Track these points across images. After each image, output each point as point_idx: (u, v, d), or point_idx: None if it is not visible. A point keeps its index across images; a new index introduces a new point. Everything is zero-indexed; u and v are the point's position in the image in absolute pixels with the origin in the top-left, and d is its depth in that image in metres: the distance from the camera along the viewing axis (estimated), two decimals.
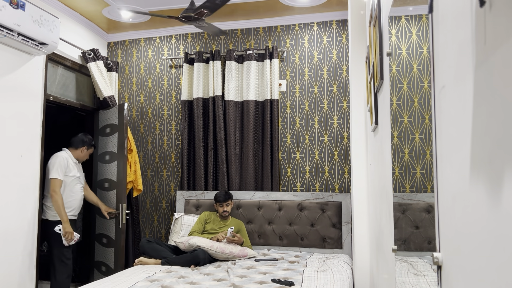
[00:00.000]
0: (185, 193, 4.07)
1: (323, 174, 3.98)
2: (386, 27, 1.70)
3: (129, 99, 4.51)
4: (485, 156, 0.58)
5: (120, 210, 3.73)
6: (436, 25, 0.88)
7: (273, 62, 4.01)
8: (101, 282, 2.63)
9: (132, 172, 4.01)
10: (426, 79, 1.05)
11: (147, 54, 4.49)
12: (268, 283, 2.56)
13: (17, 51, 3.14)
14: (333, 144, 3.97)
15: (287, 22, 4.14)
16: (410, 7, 1.25)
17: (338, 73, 4.01)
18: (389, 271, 1.75)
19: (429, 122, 0.99)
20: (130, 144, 4.03)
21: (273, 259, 3.27)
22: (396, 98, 1.45)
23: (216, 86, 4.09)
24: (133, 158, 4.06)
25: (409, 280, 1.26)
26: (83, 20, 4.09)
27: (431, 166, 0.95)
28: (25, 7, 2.89)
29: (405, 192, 1.34)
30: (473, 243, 0.64)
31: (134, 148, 4.11)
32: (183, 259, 3.14)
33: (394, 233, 1.53)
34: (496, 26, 0.53)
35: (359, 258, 2.96)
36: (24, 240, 3.17)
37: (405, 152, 1.32)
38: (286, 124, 4.08)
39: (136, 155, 4.11)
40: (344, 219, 3.68)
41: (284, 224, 3.80)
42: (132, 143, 4.09)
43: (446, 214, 0.81)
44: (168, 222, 4.30)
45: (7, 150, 3.02)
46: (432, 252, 0.87)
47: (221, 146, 4.03)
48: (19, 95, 3.18)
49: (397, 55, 1.41)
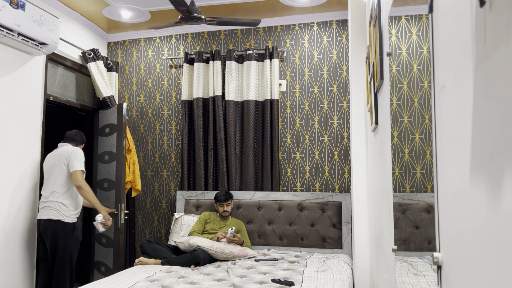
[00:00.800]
0: (185, 193, 4.07)
1: (323, 174, 3.98)
2: (386, 27, 1.70)
3: (129, 99, 4.51)
4: (485, 156, 0.58)
5: (119, 210, 3.73)
6: (436, 25, 0.88)
7: (273, 62, 4.01)
8: (101, 282, 2.63)
9: (130, 172, 4.01)
10: (426, 79, 1.05)
11: (147, 54, 4.50)
12: (268, 283, 2.56)
13: (17, 51, 3.14)
14: (333, 144, 3.97)
15: (287, 22, 4.14)
16: (410, 7, 1.25)
17: (338, 73, 4.01)
18: (389, 271, 1.75)
19: (429, 122, 0.99)
20: (128, 144, 4.03)
21: (273, 259, 3.27)
22: (396, 98, 1.45)
23: (216, 86, 4.09)
24: (131, 158, 4.05)
25: (409, 280, 1.26)
26: (83, 20, 4.09)
27: (431, 166, 0.95)
28: (25, 7, 2.89)
29: (405, 192, 1.34)
30: (473, 243, 0.64)
31: (133, 148, 4.11)
32: (183, 259, 3.14)
33: (394, 233, 1.53)
34: (496, 26, 0.53)
35: (359, 258, 2.95)
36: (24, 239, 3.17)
37: (405, 152, 1.32)
38: (286, 124, 4.09)
39: (135, 155, 4.11)
40: (344, 219, 3.68)
41: (284, 224, 3.80)
42: (131, 143, 4.09)
43: (446, 214, 0.81)
44: (168, 222, 4.30)
45: (7, 150, 3.02)
46: (432, 252, 0.87)
47: (221, 146, 4.03)
48: (19, 95, 3.18)
49: (397, 55, 1.41)
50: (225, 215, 3.66)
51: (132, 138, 4.28)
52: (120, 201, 3.75)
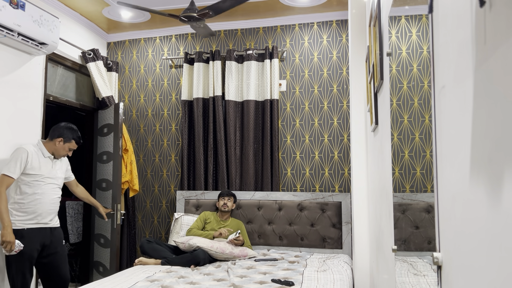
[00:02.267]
0: (185, 193, 4.07)
1: (323, 174, 3.98)
2: (386, 27, 1.70)
3: (129, 99, 4.51)
4: (485, 156, 0.58)
5: (115, 210, 3.72)
6: (436, 25, 0.88)
7: (273, 62, 4.01)
8: (101, 282, 2.63)
9: (128, 172, 3.99)
10: (426, 79, 1.05)
11: (147, 54, 4.49)
12: (268, 283, 2.56)
13: (17, 51, 3.14)
14: (333, 144, 3.97)
15: (287, 22, 4.14)
16: (410, 7, 1.25)
17: (338, 73, 4.01)
18: (389, 271, 1.75)
19: (429, 122, 0.99)
20: (125, 144, 4.02)
21: (273, 259, 3.27)
22: (396, 98, 1.45)
23: (216, 86, 4.09)
24: (129, 158, 4.03)
25: (409, 280, 1.26)
26: (83, 20, 4.09)
27: (431, 166, 0.95)
28: (25, 7, 2.89)
29: (405, 192, 1.34)
30: (473, 243, 0.64)
31: (130, 148, 4.09)
32: (183, 259, 3.14)
33: (394, 233, 1.53)
34: (496, 26, 0.53)
35: (359, 258, 2.95)
36: None
37: (405, 152, 1.32)
38: (286, 124, 4.08)
39: (132, 155, 4.10)
40: (344, 219, 3.68)
41: (284, 224, 3.80)
42: (128, 143, 4.08)
43: (446, 214, 0.81)
44: (168, 222, 4.30)
45: (7, 150, 3.02)
46: (432, 252, 0.87)
47: (221, 146, 4.03)
48: (19, 95, 3.18)
49: (397, 55, 1.41)
50: (224, 208, 3.66)
51: (130, 138, 4.27)
52: (117, 201, 3.74)
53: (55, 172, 2.94)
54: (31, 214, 2.78)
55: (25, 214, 2.76)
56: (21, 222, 2.75)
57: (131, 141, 4.27)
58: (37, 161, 2.81)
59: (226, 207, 3.67)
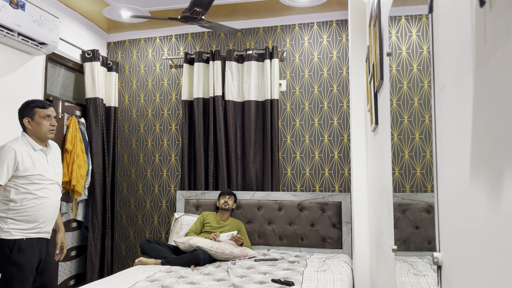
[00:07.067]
0: (185, 193, 4.07)
1: (323, 174, 3.98)
2: (386, 27, 1.70)
3: (129, 99, 4.51)
4: (485, 156, 0.58)
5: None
6: (436, 25, 0.88)
7: (273, 62, 4.01)
8: (101, 282, 2.63)
9: (68, 173, 3.67)
10: (426, 79, 1.05)
11: (147, 54, 4.50)
12: (268, 283, 2.56)
13: (17, 51, 3.14)
14: (333, 144, 3.98)
15: (287, 22, 4.14)
16: (410, 7, 1.25)
17: (338, 73, 4.01)
18: (389, 271, 1.75)
19: (429, 122, 0.99)
20: (66, 143, 3.72)
21: (273, 259, 3.27)
22: (396, 98, 1.45)
23: (216, 86, 4.09)
24: (71, 157, 3.71)
25: (409, 280, 1.26)
26: (83, 20, 4.09)
27: (431, 166, 0.95)
28: (25, 7, 2.89)
29: (405, 192, 1.34)
30: (473, 243, 0.64)
31: (79, 146, 3.76)
32: (183, 259, 3.14)
33: (394, 233, 1.53)
34: (496, 26, 0.53)
35: (359, 258, 2.95)
36: None
37: (405, 152, 1.32)
38: (286, 124, 4.09)
39: (83, 155, 3.81)
40: (344, 219, 3.68)
41: (284, 224, 3.80)
42: (71, 142, 3.74)
43: (446, 214, 0.81)
44: (168, 222, 4.30)
45: None
46: (432, 252, 0.87)
47: (221, 146, 4.03)
48: (19, 95, 3.17)
49: (397, 55, 1.41)
50: (225, 206, 3.66)
51: (79, 135, 3.86)
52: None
53: (52, 167, 2.50)
54: (32, 223, 2.37)
55: (25, 223, 2.34)
56: (20, 231, 2.33)
57: (88, 140, 3.96)
58: (29, 158, 2.36)
59: (227, 205, 3.67)
